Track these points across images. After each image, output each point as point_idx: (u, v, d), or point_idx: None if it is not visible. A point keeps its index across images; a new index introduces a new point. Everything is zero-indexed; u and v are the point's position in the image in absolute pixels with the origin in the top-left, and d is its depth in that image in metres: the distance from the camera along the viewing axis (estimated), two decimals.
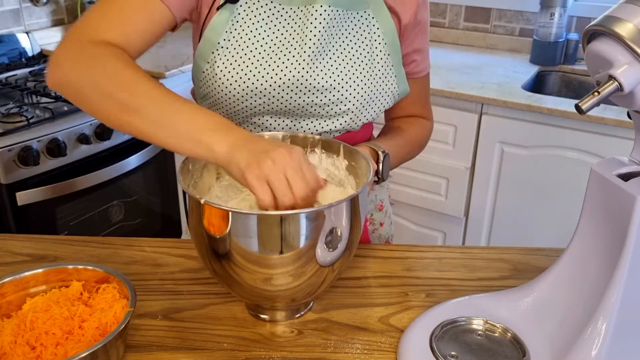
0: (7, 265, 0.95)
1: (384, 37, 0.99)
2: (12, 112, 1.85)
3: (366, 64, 0.97)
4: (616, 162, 0.74)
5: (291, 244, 0.72)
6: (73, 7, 2.58)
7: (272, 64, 0.93)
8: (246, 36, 0.94)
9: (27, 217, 1.81)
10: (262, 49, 0.93)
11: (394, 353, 0.79)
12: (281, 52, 0.93)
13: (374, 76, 0.98)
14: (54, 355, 0.69)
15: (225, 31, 0.94)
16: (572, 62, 2.38)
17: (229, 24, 0.94)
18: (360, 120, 1.00)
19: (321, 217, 0.72)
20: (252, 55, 0.93)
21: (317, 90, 0.95)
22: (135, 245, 1.01)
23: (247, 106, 0.96)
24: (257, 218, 0.71)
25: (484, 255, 1.02)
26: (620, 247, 0.69)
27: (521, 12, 2.51)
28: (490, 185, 2.13)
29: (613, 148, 1.86)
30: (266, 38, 0.94)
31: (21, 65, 2.29)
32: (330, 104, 0.96)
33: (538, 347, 0.76)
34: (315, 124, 0.99)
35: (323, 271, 0.77)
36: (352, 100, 0.97)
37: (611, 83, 0.65)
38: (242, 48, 0.94)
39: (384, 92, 1.01)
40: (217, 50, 0.94)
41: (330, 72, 0.95)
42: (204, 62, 0.96)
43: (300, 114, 0.97)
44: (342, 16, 0.95)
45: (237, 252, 0.74)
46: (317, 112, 0.97)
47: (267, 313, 0.85)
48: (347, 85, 0.96)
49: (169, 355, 0.78)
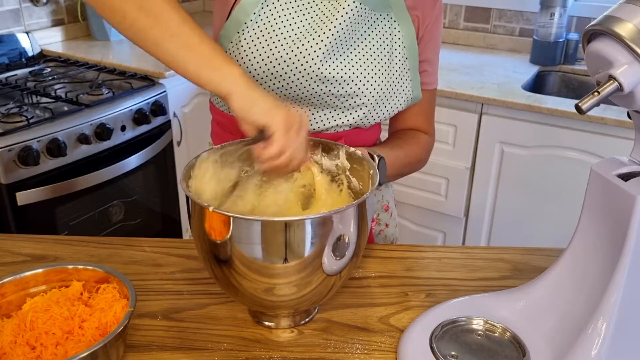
0: (7, 265, 0.95)
1: (403, 40, 1.01)
2: (12, 112, 1.85)
3: (385, 62, 0.99)
4: (616, 162, 0.74)
5: (296, 251, 0.71)
6: (73, 7, 2.58)
7: (294, 49, 0.94)
8: (274, 19, 0.95)
9: (27, 217, 1.81)
10: (288, 34, 0.95)
11: (394, 353, 0.79)
12: (304, 39, 0.95)
13: (390, 75, 1.00)
14: (54, 355, 0.69)
15: (254, 12, 0.95)
16: (572, 62, 2.38)
17: (258, 5, 0.95)
18: (373, 118, 1.02)
19: (329, 223, 0.71)
20: (277, 38, 0.95)
21: (330, 81, 0.96)
22: (135, 245, 1.01)
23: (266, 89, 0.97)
24: (261, 224, 0.70)
25: (484, 255, 1.02)
26: (620, 247, 0.69)
27: (521, 12, 2.51)
28: (490, 185, 2.13)
29: (613, 148, 1.85)
30: (292, 23, 0.95)
31: (21, 65, 2.28)
32: (346, 96, 0.98)
33: (538, 347, 0.76)
34: (329, 116, 1.00)
35: (330, 280, 0.76)
36: (367, 95, 0.98)
37: (611, 83, 0.65)
38: (268, 31, 0.95)
39: (398, 92, 1.02)
40: (242, 31, 0.96)
41: (346, 63, 0.96)
42: (228, 41, 0.97)
43: (316, 103, 0.99)
44: (367, 15, 0.97)
45: (239, 259, 0.72)
46: (333, 102, 0.99)
47: (270, 320, 0.83)
48: (365, 79, 0.97)
49: (169, 355, 0.78)
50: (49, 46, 2.48)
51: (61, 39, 2.57)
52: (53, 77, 2.18)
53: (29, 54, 2.37)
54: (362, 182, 0.86)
